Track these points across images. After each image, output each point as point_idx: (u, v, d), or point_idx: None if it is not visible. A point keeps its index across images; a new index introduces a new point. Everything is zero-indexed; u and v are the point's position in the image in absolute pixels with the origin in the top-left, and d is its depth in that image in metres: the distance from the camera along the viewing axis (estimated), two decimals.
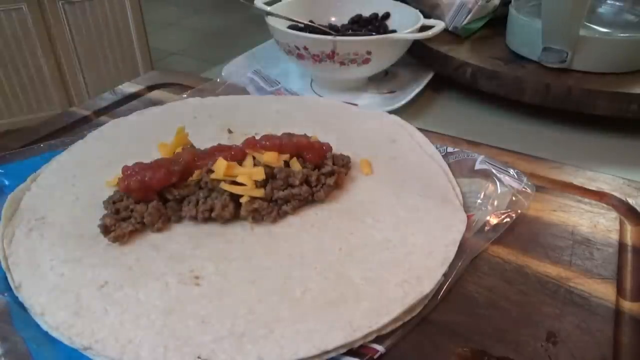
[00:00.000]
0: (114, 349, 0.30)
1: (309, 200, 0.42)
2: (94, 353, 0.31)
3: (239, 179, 0.41)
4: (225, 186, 0.40)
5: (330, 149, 0.46)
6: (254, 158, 0.43)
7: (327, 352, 0.31)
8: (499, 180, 0.45)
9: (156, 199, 0.41)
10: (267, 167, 0.42)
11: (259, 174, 0.41)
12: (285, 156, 0.43)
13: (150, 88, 0.67)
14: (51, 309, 0.33)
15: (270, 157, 0.42)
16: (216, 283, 0.35)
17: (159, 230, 0.40)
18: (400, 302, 0.33)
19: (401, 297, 0.34)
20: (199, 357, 0.30)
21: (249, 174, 0.41)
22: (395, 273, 0.36)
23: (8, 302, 0.34)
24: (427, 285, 0.35)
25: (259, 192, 0.41)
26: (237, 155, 0.43)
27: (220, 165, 0.41)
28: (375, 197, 0.43)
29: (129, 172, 0.41)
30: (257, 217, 0.40)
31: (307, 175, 0.42)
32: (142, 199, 0.40)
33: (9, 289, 0.35)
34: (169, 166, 0.41)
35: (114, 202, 0.41)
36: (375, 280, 0.35)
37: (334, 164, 0.45)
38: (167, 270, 0.36)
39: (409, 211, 0.42)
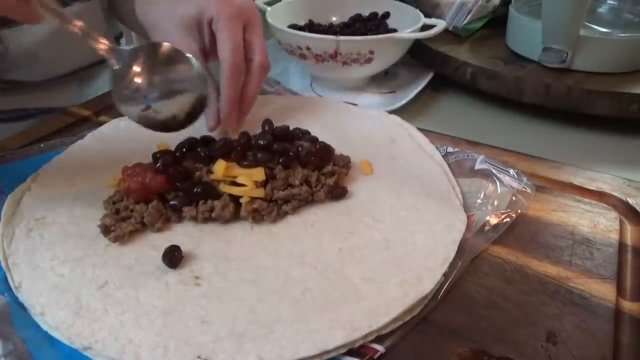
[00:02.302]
0: (113, 348, 0.30)
1: (309, 200, 0.42)
2: (94, 353, 0.31)
3: (239, 180, 0.41)
4: (224, 187, 0.40)
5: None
6: None
7: (327, 352, 0.31)
8: (499, 180, 0.45)
9: (156, 199, 0.41)
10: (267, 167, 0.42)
11: (259, 174, 0.41)
12: None
13: None
14: (51, 309, 0.33)
15: None
16: (216, 283, 0.35)
17: (159, 230, 0.40)
18: (400, 302, 0.33)
19: (401, 297, 0.34)
20: (199, 357, 0.30)
21: (249, 175, 0.41)
22: (395, 273, 0.36)
23: (8, 302, 0.34)
24: (427, 285, 0.35)
25: (259, 193, 0.41)
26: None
27: (220, 166, 0.41)
28: (375, 197, 0.43)
29: (129, 172, 0.41)
30: (257, 217, 0.40)
31: (307, 176, 0.42)
32: (142, 199, 0.40)
33: (9, 289, 0.35)
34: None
35: (114, 202, 0.41)
36: (375, 280, 0.35)
37: (334, 164, 0.45)
38: (167, 270, 0.36)
39: (409, 211, 0.42)
